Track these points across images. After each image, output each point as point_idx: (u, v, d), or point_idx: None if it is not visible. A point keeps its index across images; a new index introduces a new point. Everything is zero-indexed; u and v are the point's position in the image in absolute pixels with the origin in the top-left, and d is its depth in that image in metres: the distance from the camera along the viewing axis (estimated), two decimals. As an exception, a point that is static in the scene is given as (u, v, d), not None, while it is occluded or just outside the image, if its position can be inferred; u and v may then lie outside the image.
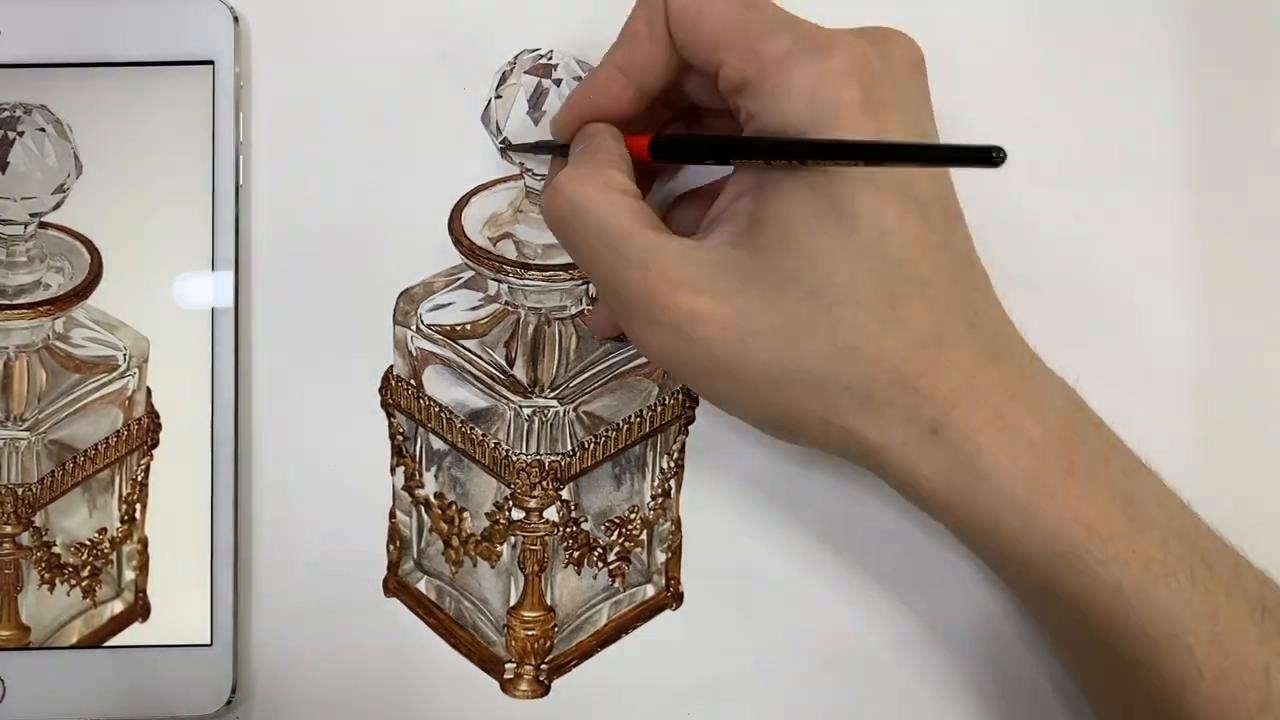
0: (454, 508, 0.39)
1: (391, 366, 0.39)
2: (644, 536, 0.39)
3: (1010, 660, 0.38)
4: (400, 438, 0.39)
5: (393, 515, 0.39)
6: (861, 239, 0.30)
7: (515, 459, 0.37)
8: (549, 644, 0.38)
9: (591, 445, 0.38)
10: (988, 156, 0.25)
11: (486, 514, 0.38)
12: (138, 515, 0.38)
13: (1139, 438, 0.32)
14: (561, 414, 0.37)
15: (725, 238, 0.32)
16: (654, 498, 0.39)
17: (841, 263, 0.30)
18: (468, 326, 0.38)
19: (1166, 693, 0.30)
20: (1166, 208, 0.40)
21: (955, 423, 0.30)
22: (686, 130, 0.37)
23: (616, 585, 0.39)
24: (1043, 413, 0.31)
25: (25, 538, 0.38)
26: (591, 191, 0.32)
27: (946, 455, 0.30)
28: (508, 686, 0.38)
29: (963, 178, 0.31)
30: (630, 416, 0.38)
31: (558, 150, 0.36)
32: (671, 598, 0.39)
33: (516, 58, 0.38)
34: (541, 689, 0.38)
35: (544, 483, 0.37)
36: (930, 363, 0.30)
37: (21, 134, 0.37)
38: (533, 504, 0.38)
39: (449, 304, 0.39)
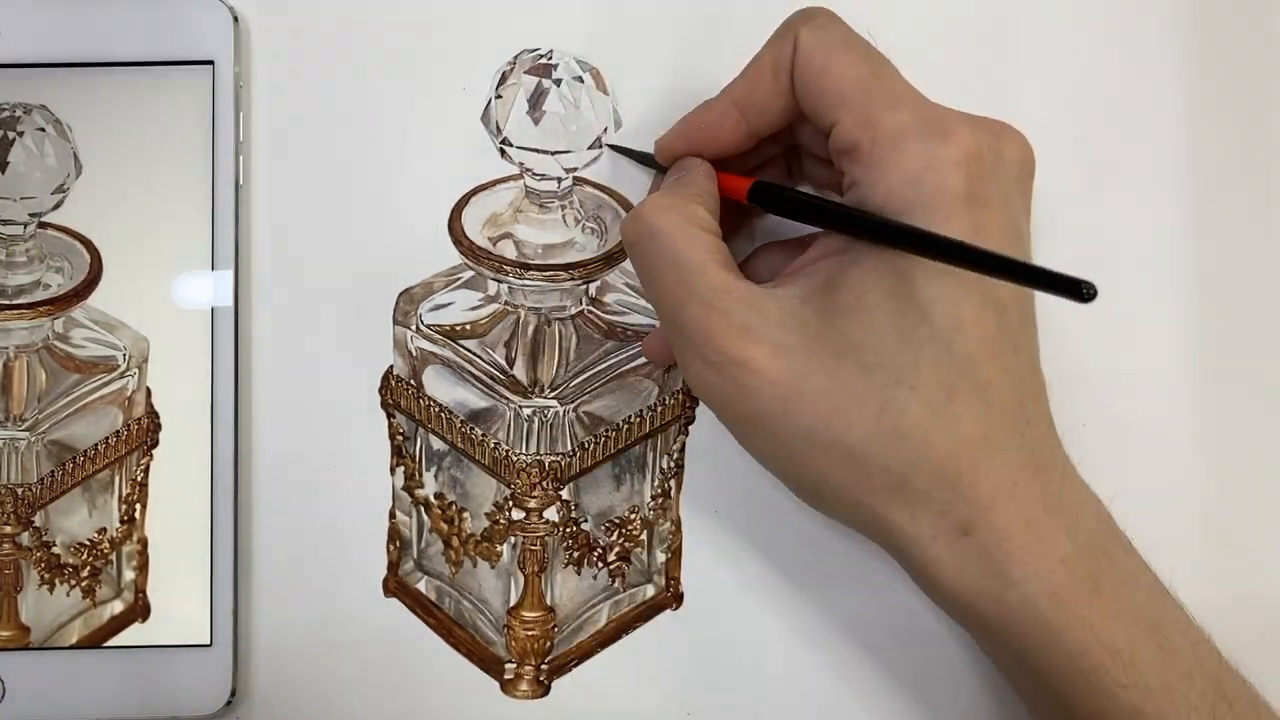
0: (454, 508, 0.39)
1: (391, 366, 0.39)
2: (644, 536, 0.39)
3: (1010, 660, 0.38)
4: (400, 438, 0.39)
5: (393, 515, 0.39)
6: (932, 328, 0.30)
7: (515, 459, 0.37)
8: (549, 644, 0.38)
9: (591, 445, 0.38)
10: (1077, 290, 0.25)
11: (486, 514, 0.38)
12: (137, 515, 0.38)
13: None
14: (561, 414, 0.37)
15: (797, 292, 0.32)
16: (654, 498, 0.39)
17: (907, 346, 0.30)
18: (468, 326, 0.38)
19: None
20: (1166, 204, 0.40)
21: (990, 526, 0.30)
22: (786, 169, 0.37)
23: (616, 585, 0.39)
24: (1076, 530, 0.30)
25: (25, 538, 0.38)
26: (672, 222, 0.32)
27: (976, 558, 0.30)
28: (508, 686, 0.38)
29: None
30: (630, 417, 0.38)
31: (654, 165, 0.37)
32: (671, 598, 0.39)
33: (516, 58, 0.38)
34: (541, 689, 0.38)
35: (544, 483, 0.37)
36: (974, 463, 0.30)
37: (21, 134, 0.37)
38: (533, 504, 0.38)
39: (449, 304, 0.39)
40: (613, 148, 0.38)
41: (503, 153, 0.38)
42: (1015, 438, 0.31)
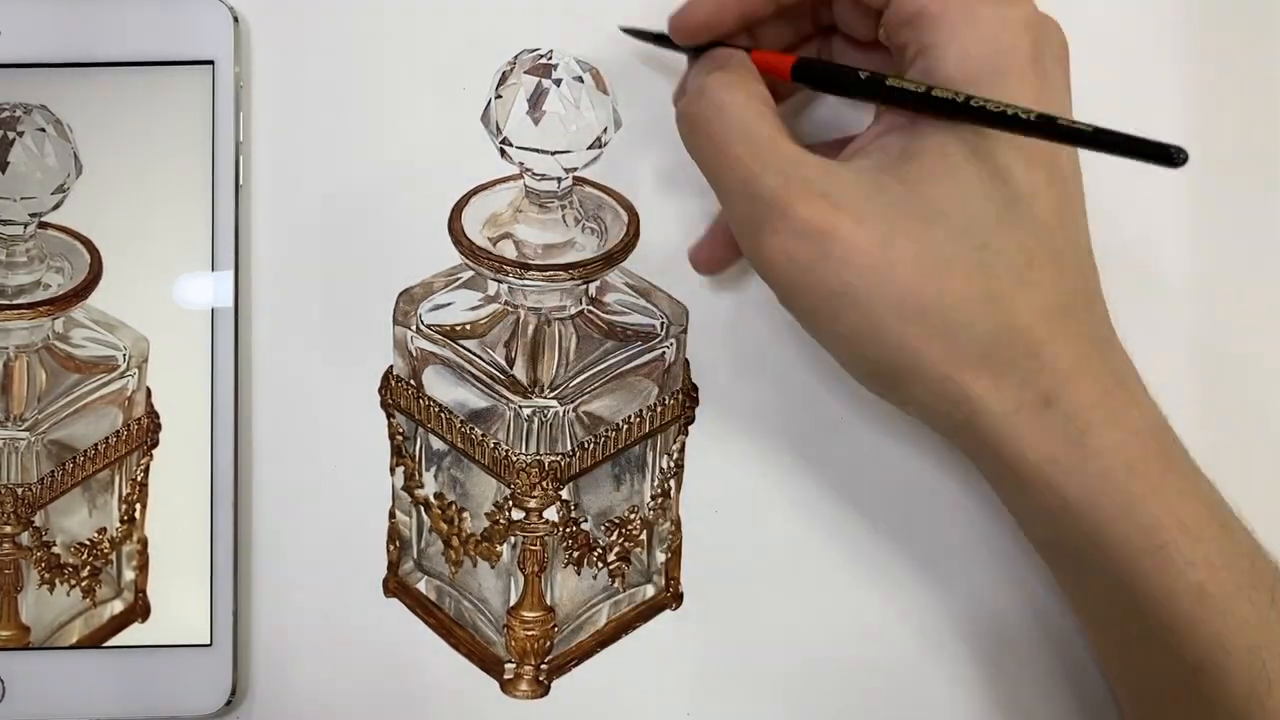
0: (454, 508, 0.39)
1: (391, 366, 0.39)
2: (644, 536, 0.39)
3: (1015, 662, 0.38)
4: (400, 438, 0.39)
5: (393, 515, 0.39)
6: (1014, 191, 0.30)
7: (515, 459, 0.37)
8: (549, 644, 0.38)
9: (591, 445, 0.38)
10: (1168, 155, 0.25)
11: (486, 514, 0.38)
12: (138, 515, 0.38)
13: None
14: (561, 414, 0.37)
15: (872, 164, 0.31)
16: (654, 498, 0.39)
17: (991, 207, 0.30)
18: (467, 326, 0.38)
19: (1228, 704, 0.30)
20: (1166, 204, 0.40)
21: (1070, 395, 0.30)
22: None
23: (616, 585, 0.39)
24: (1144, 405, 0.31)
25: (25, 538, 0.38)
26: (741, 96, 0.31)
27: (1056, 428, 0.30)
28: (508, 686, 0.38)
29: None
30: (630, 416, 0.38)
31: (671, 46, 0.36)
32: (671, 598, 0.39)
33: (516, 58, 0.38)
34: (541, 689, 0.38)
35: (544, 483, 0.37)
36: (1054, 331, 0.30)
37: (21, 134, 0.37)
38: (533, 504, 0.38)
39: (449, 304, 0.39)
40: (626, 30, 0.37)
41: (503, 153, 0.38)
42: (1085, 310, 0.31)
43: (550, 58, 0.37)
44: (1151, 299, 0.39)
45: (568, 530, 0.38)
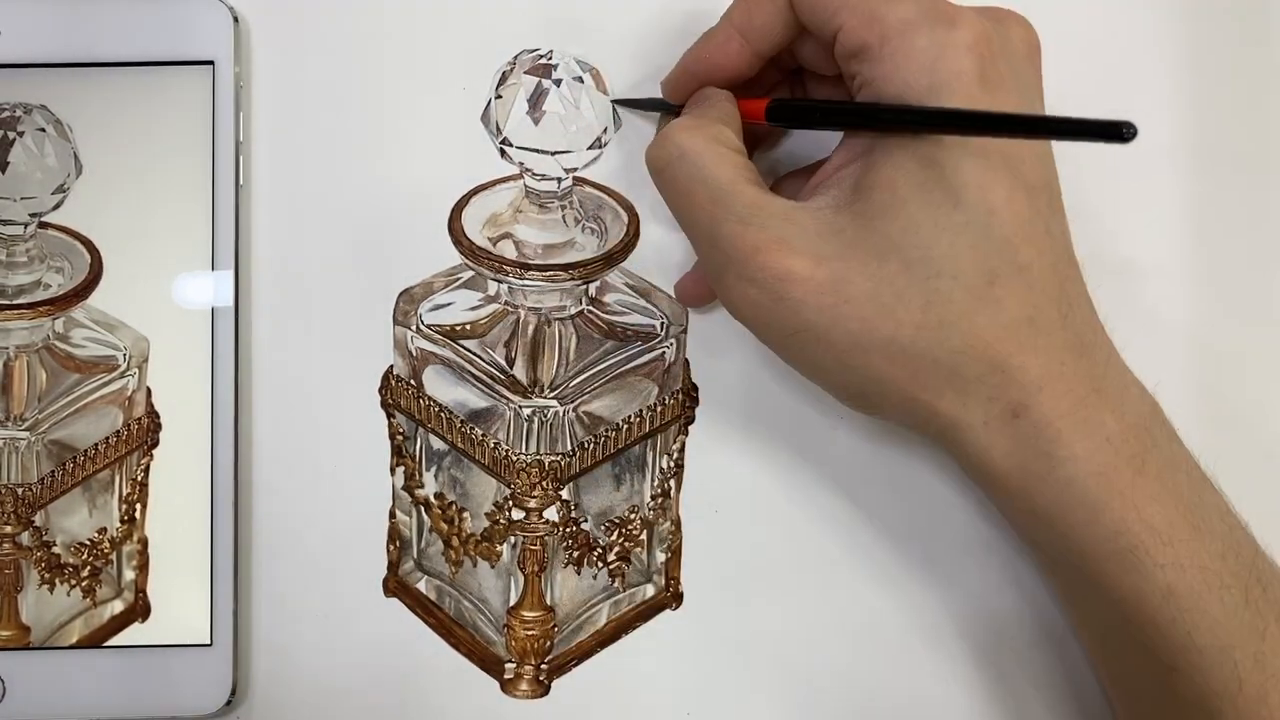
0: (454, 508, 0.39)
1: (391, 366, 0.39)
2: (644, 536, 0.39)
3: (1014, 662, 0.38)
4: (400, 438, 0.39)
5: (393, 515, 0.39)
6: (966, 214, 0.30)
7: (515, 459, 0.37)
8: (549, 644, 0.38)
9: (591, 445, 0.38)
10: (1118, 132, 0.25)
11: (486, 514, 0.38)
12: (138, 515, 0.38)
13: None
14: (561, 414, 0.37)
15: (828, 202, 0.32)
16: (654, 498, 0.39)
17: (944, 235, 0.30)
18: (468, 326, 0.38)
19: (1201, 702, 0.30)
20: (1166, 205, 0.40)
21: (1038, 408, 0.30)
22: (791, 95, 0.37)
23: (616, 585, 0.39)
24: (1121, 410, 0.31)
25: (25, 538, 0.38)
26: (699, 142, 0.32)
27: (1025, 440, 0.31)
28: (508, 686, 0.38)
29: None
30: (630, 416, 0.38)
31: (664, 108, 0.37)
32: (671, 598, 0.39)
33: (516, 58, 0.38)
34: (541, 689, 0.38)
35: (544, 483, 0.37)
36: (1021, 345, 0.30)
37: (21, 134, 0.37)
38: (533, 504, 0.38)
39: (449, 304, 0.39)
40: (618, 102, 0.38)
41: (503, 153, 0.38)
42: (1059, 319, 0.31)
43: (550, 58, 0.37)
44: (1151, 298, 0.39)
45: (568, 530, 0.38)
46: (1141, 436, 0.31)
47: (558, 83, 0.37)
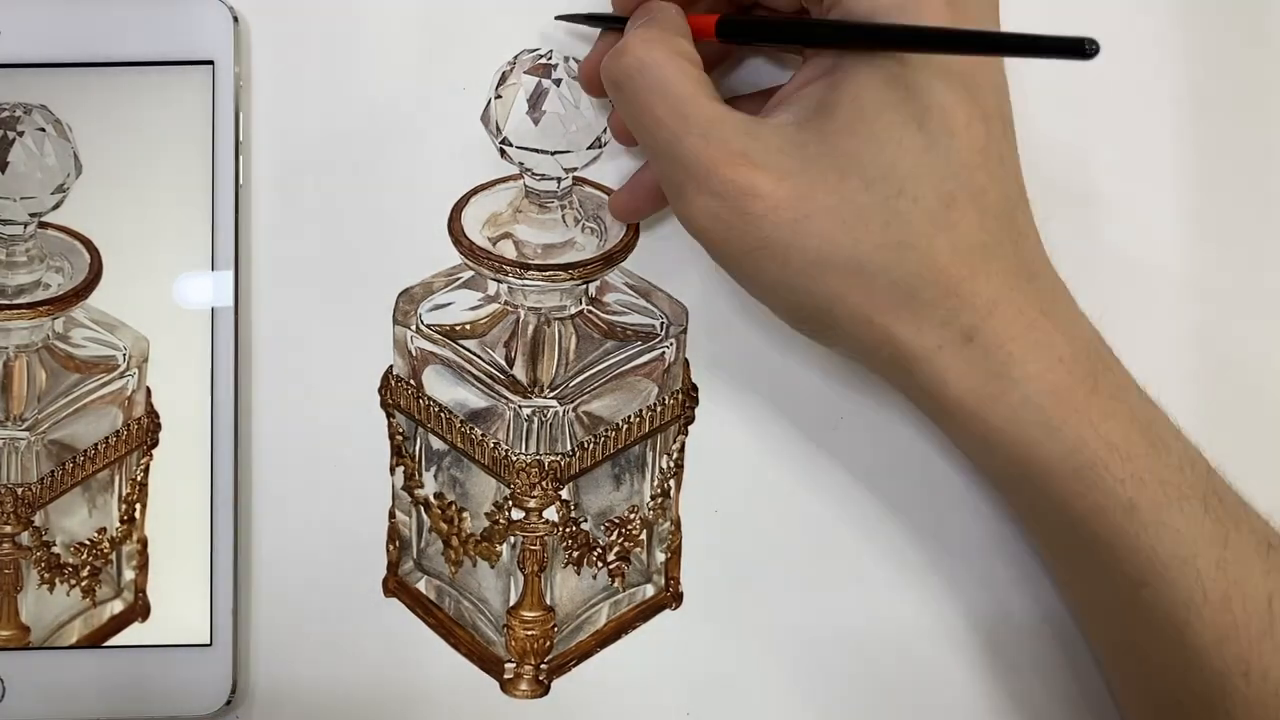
0: (454, 508, 0.39)
1: (391, 366, 0.39)
2: (644, 536, 0.39)
3: (1016, 662, 0.38)
4: (400, 438, 0.39)
5: (393, 515, 0.39)
6: (929, 136, 0.30)
7: (515, 459, 0.37)
8: (549, 644, 0.38)
9: (591, 445, 0.38)
10: (1080, 48, 0.25)
11: (486, 514, 0.38)
12: (137, 515, 0.38)
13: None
14: (561, 414, 0.37)
15: (791, 118, 0.32)
16: (654, 498, 0.39)
17: (906, 155, 0.30)
18: (467, 326, 0.38)
19: (1169, 616, 0.31)
20: (1166, 204, 0.40)
21: (991, 330, 0.31)
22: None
23: (616, 585, 0.39)
24: (1071, 334, 0.32)
25: (25, 538, 0.38)
26: (660, 54, 0.32)
27: (978, 362, 0.31)
28: (508, 686, 0.38)
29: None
30: (630, 416, 0.38)
31: (610, 22, 0.36)
32: (671, 598, 0.39)
33: (516, 58, 0.38)
34: (541, 689, 0.38)
35: (543, 483, 0.37)
36: (975, 269, 0.31)
37: (21, 134, 0.37)
38: (532, 504, 0.38)
39: (449, 304, 0.39)
40: (562, 17, 0.38)
41: (503, 153, 0.38)
42: (1010, 245, 0.31)
43: (550, 58, 0.37)
44: (1150, 297, 0.39)
45: (567, 530, 0.38)
46: (1092, 357, 0.32)
47: (558, 83, 0.37)
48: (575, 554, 0.38)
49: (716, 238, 0.32)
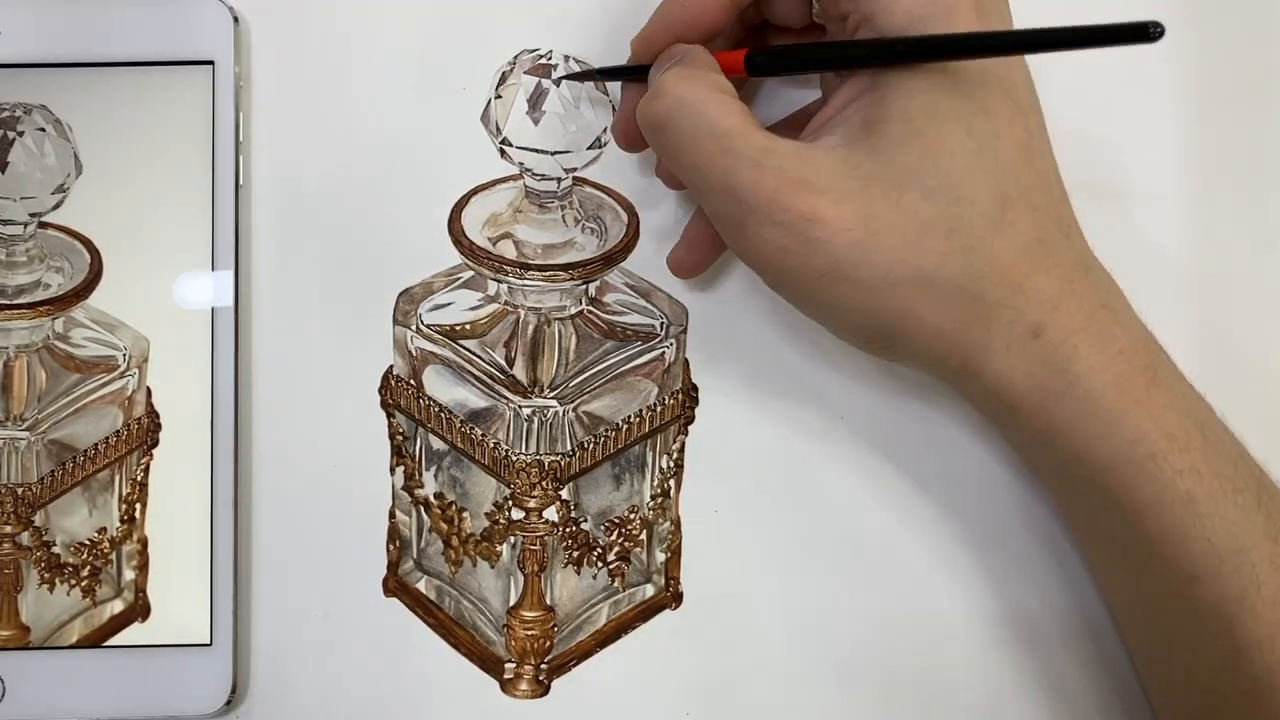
0: (454, 508, 0.39)
1: (391, 366, 0.39)
2: (644, 536, 0.39)
3: (1011, 661, 0.38)
4: (400, 438, 0.39)
5: (393, 515, 0.39)
6: (978, 139, 0.30)
7: (515, 459, 0.37)
8: (549, 644, 0.38)
9: (591, 445, 0.38)
10: (1145, 32, 0.26)
11: (486, 514, 0.38)
12: (138, 515, 0.38)
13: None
14: (561, 414, 0.37)
15: (839, 140, 0.32)
16: (654, 498, 0.39)
17: (959, 161, 0.30)
18: (467, 326, 0.38)
19: (1220, 610, 0.31)
20: (1166, 204, 0.40)
21: (1056, 324, 0.31)
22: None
23: (616, 585, 0.39)
24: (1129, 325, 0.32)
25: (25, 538, 0.38)
26: (700, 90, 0.32)
27: (1044, 357, 0.31)
28: (508, 686, 0.38)
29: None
30: (630, 416, 0.38)
31: (629, 74, 0.36)
32: (671, 598, 0.39)
33: (516, 58, 0.38)
34: (541, 689, 0.38)
35: (544, 483, 0.37)
36: (1035, 265, 0.31)
37: (21, 134, 0.37)
38: (532, 504, 0.38)
39: (449, 304, 0.39)
40: (569, 76, 0.37)
41: (503, 153, 0.38)
42: (1063, 239, 0.32)
43: (550, 58, 0.37)
44: (1153, 293, 0.39)
45: (567, 530, 0.38)
46: (1150, 348, 0.32)
47: (558, 83, 0.37)
48: (575, 554, 0.38)
49: (784, 268, 0.31)
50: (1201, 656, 0.32)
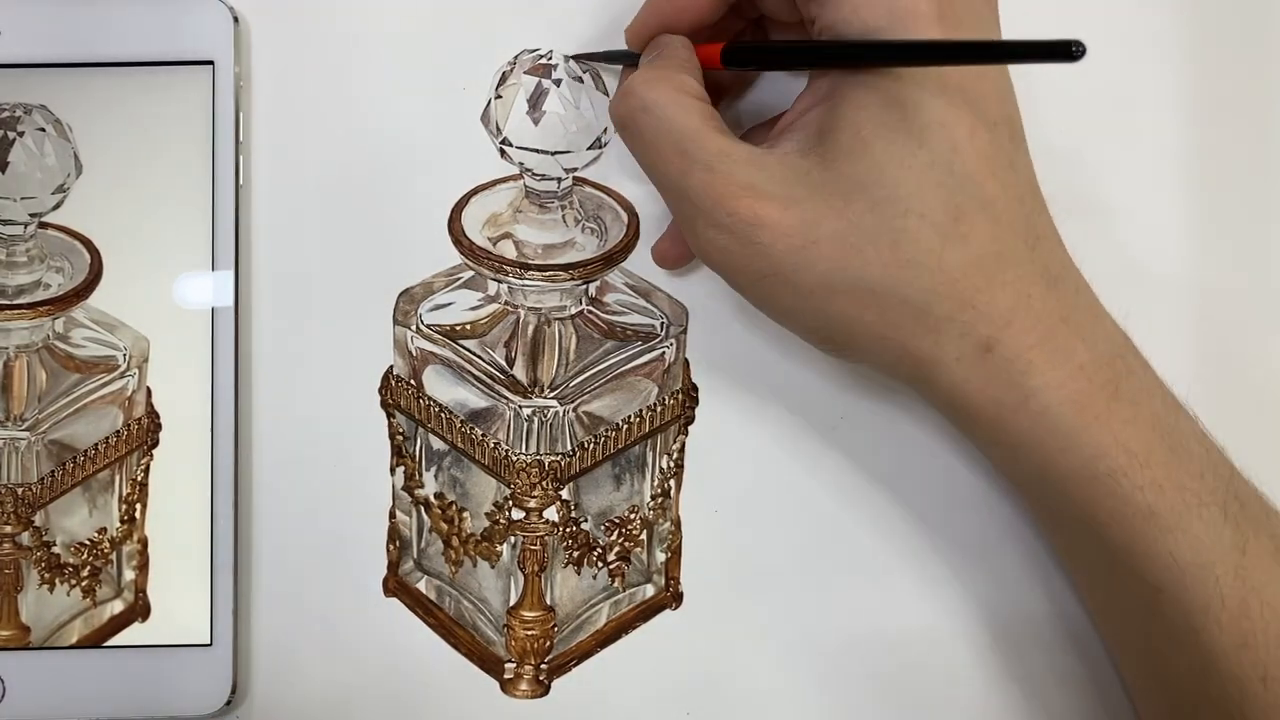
0: (454, 508, 0.39)
1: (391, 366, 0.39)
2: (644, 536, 0.39)
3: (1011, 661, 0.38)
4: (400, 438, 0.39)
5: (393, 515, 0.39)
6: (931, 152, 0.30)
7: (515, 459, 0.37)
8: (549, 644, 0.38)
9: (591, 445, 0.38)
10: (1067, 51, 0.25)
11: (486, 514, 0.38)
12: (138, 515, 0.38)
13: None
14: (561, 414, 0.37)
15: (794, 146, 0.32)
16: (654, 498, 0.39)
17: (909, 174, 0.30)
18: (468, 326, 0.38)
19: (1187, 622, 0.31)
20: (1167, 205, 0.40)
21: (1008, 341, 0.31)
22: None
23: (616, 585, 0.39)
24: (1093, 339, 0.31)
25: (25, 538, 0.38)
26: (664, 93, 0.32)
27: (997, 373, 0.31)
28: (508, 686, 0.38)
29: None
30: (630, 416, 0.38)
31: (627, 59, 0.37)
32: (671, 598, 0.39)
33: (516, 58, 0.38)
34: (541, 689, 0.38)
35: (544, 483, 0.37)
36: (989, 280, 0.31)
37: (21, 134, 0.37)
38: (532, 504, 0.38)
39: (449, 304, 0.39)
40: (578, 57, 0.38)
41: (503, 153, 0.38)
42: (1026, 252, 0.31)
43: (550, 58, 0.37)
44: (1152, 298, 0.39)
45: (568, 530, 0.38)
46: (1114, 363, 0.32)
47: (558, 83, 0.37)
48: (575, 554, 0.38)
49: (729, 268, 0.32)
50: (1173, 666, 0.32)
